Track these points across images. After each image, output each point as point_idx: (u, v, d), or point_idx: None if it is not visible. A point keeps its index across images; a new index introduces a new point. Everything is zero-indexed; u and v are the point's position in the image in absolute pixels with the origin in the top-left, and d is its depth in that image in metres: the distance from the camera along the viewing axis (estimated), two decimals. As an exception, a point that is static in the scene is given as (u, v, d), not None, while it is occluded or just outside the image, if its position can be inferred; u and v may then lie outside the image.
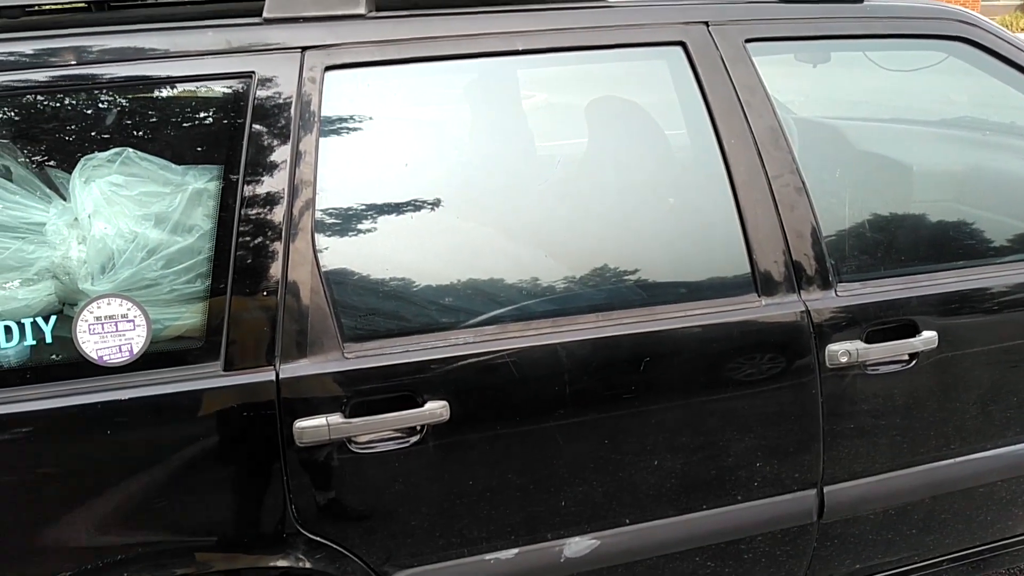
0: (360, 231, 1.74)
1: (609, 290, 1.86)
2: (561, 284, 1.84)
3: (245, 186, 1.62)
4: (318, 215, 1.67)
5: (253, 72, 1.66)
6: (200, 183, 1.65)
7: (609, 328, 1.78)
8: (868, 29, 2.09)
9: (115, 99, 1.66)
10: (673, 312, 1.83)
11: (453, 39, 1.77)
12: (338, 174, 1.70)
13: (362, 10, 1.74)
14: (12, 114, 1.64)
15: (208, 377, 1.59)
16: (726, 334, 1.85)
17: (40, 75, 1.58)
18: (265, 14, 1.70)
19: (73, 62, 1.59)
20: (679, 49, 1.92)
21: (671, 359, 1.82)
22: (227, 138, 1.66)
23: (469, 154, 1.89)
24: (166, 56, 1.63)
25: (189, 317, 1.63)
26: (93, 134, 1.66)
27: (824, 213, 1.95)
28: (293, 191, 1.64)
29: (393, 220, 1.76)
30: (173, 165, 1.66)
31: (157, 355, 1.59)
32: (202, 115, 1.69)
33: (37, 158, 1.65)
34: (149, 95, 1.65)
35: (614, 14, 1.91)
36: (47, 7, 1.83)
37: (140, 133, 1.65)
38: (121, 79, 1.62)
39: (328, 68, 1.70)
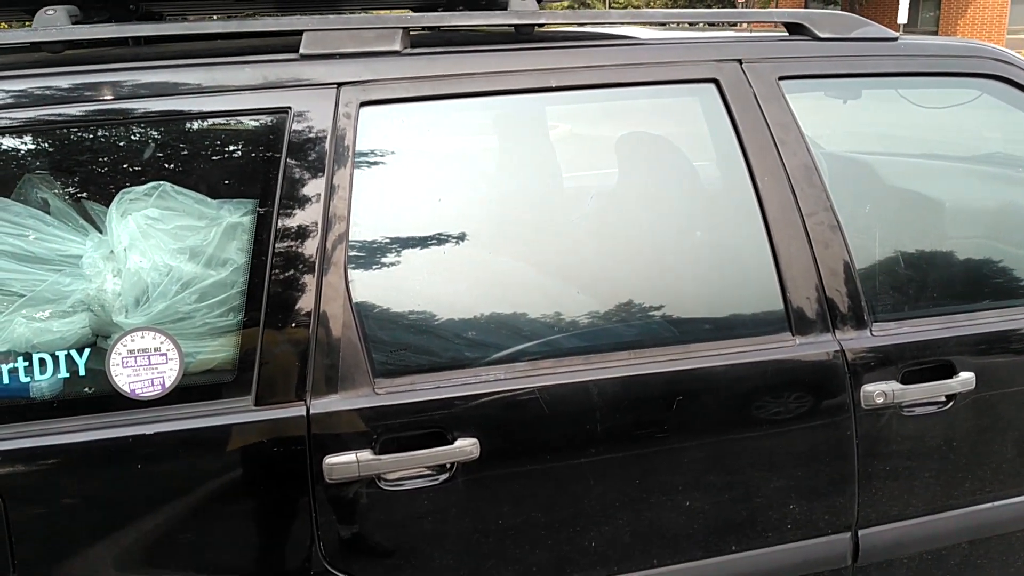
0: (392, 265, 1.74)
1: (641, 327, 1.85)
2: (592, 320, 1.83)
3: (279, 220, 1.63)
4: (351, 249, 1.67)
5: (289, 107, 1.67)
6: (235, 217, 1.66)
7: (641, 366, 1.76)
8: (902, 67, 2.07)
9: (152, 133, 1.67)
10: (706, 350, 1.81)
11: (487, 76, 1.78)
12: (372, 209, 1.71)
13: (397, 47, 1.75)
14: (51, 147, 1.66)
15: (239, 412, 1.58)
16: (760, 373, 1.83)
17: (79, 109, 1.60)
18: (302, 50, 1.71)
19: (111, 96, 1.61)
20: (712, 86, 1.92)
21: (704, 398, 1.79)
22: (262, 172, 1.67)
23: (501, 189, 1.89)
24: (203, 91, 1.65)
25: (221, 351, 1.63)
26: (130, 168, 1.68)
27: (858, 251, 1.93)
28: (327, 225, 1.65)
29: (425, 255, 1.76)
30: (208, 199, 1.67)
31: (189, 389, 1.59)
32: (238, 149, 1.70)
33: (75, 191, 1.67)
34: (186, 129, 1.67)
35: (648, 51, 1.91)
36: (88, 41, 1.85)
37: (176, 167, 1.66)
38: (158, 113, 1.64)
39: (363, 104, 1.71)
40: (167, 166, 1.66)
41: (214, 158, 1.70)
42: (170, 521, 1.56)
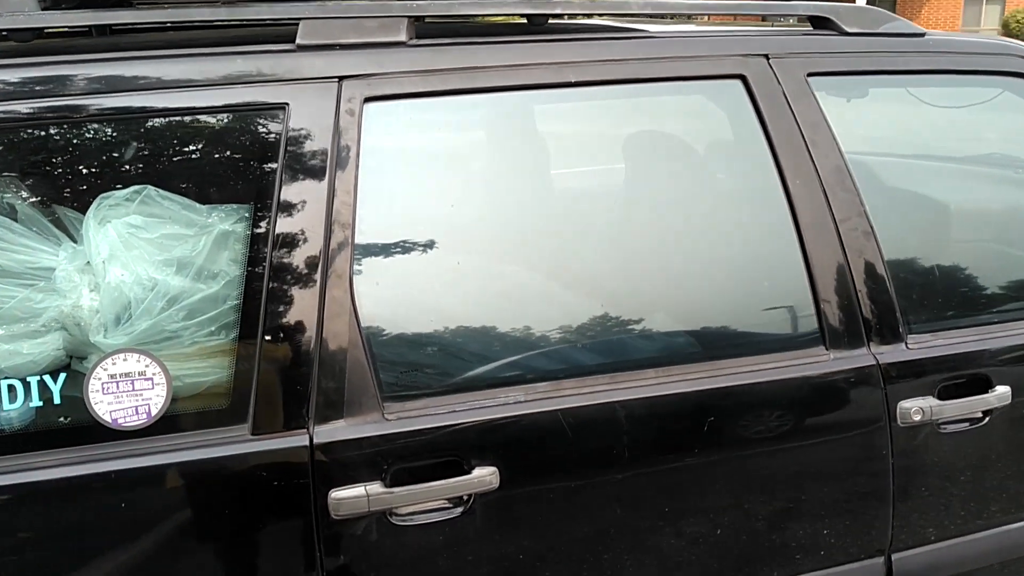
0: (402, 277, 1.59)
1: (669, 343, 1.72)
2: (617, 336, 1.69)
3: (277, 227, 1.47)
4: (357, 259, 1.51)
5: (287, 103, 1.51)
6: (227, 224, 1.50)
7: (670, 385, 1.63)
8: (929, 64, 1.97)
9: (134, 131, 1.50)
10: (737, 367, 1.68)
11: (501, 70, 1.63)
12: (379, 214, 1.55)
13: (403, 37, 1.60)
14: (19, 147, 1.48)
15: (234, 442, 1.42)
16: (793, 391, 1.71)
17: (50, 103, 1.42)
18: (298, 40, 1.56)
19: (87, 90, 1.44)
20: (738, 83, 1.79)
21: (736, 418, 1.67)
22: (257, 175, 1.50)
23: (518, 194, 1.74)
24: (191, 85, 1.48)
25: (213, 374, 1.47)
26: (110, 170, 1.50)
27: (890, 258, 1.81)
28: (329, 233, 1.49)
29: (438, 266, 1.61)
30: (197, 204, 1.50)
31: (177, 417, 1.42)
32: (230, 150, 1.54)
33: (47, 196, 1.49)
34: (172, 128, 1.50)
35: (670, 45, 1.78)
36: (61, 30, 1.67)
37: (162, 169, 1.49)
38: (141, 110, 1.47)
39: (368, 99, 1.55)
40: (151, 168, 1.49)
41: (204, 159, 1.53)
42: (158, 568, 1.39)
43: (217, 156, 1.53)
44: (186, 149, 1.52)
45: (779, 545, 1.72)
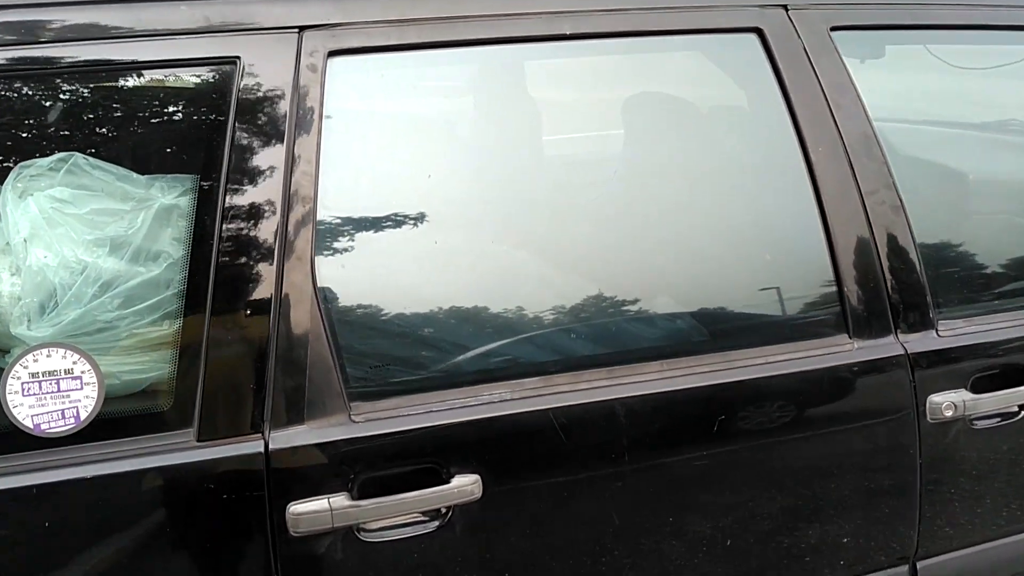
0: (372, 259, 1.39)
1: (674, 331, 1.53)
2: (617, 325, 1.50)
3: (227, 201, 1.27)
4: (320, 238, 1.32)
5: (238, 57, 1.31)
6: (169, 197, 1.30)
7: (677, 379, 1.45)
8: (968, 18, 1.77)
9: (60, 90, 1.30)
10: (751, 358, 1.50)
11: (488, 20, 1.43)
12: (345, 187, 1.36)
13: (375, -19, 1.39)
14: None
15: (178, 449, 1.24)
16: (813, 385, 1.53)
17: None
18: (254, -16, 1.35)
19: (3, 42, 1.23)
20: (754, 37, 1.59)
21: (749, 416, 1.49)
22: (204, 140, 1.31)
23: (506, 164, 1.53)
24: (127, 36, 1.28)
25: (154, 370, 1.28)
26: (31, 135, 1.30)
27: (921, 237, 1.63)
28: (288, 208, 1.29)
29: (413, 246, 1.41)
30: (135, 175, 1.30)
31: (112, 421, 1.23)
32: (172, 111, 1.34)
33: (-45, 165, 1.29)
34: (105, 85, 1.30)
35: (678, -7, 1.57)
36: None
37: (92, 134, 1.29)
38: (68, 65, 1.26)
39: (332, 53, 1.35)
40: (80, 133, 1.29)
41: (142, 122, 1.33)
42: (89, 594, 1.21)
43: (157, 119, 1.33)
44: (121, 111, 1.31)
45: (795, 555, 1.55)
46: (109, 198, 1.28)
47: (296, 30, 1.34)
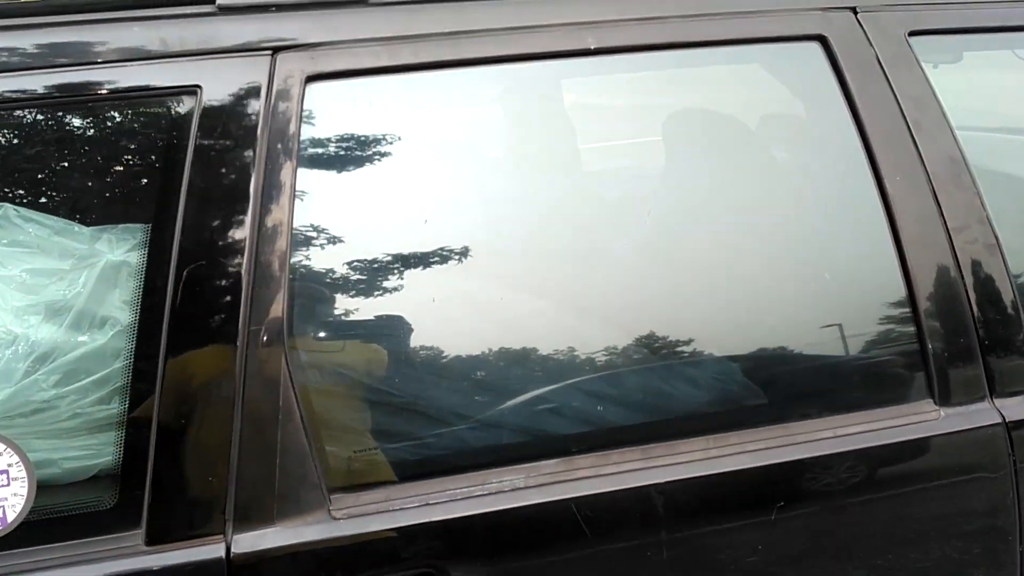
0: (357, 321, 1.18)
1: (722, 399, 1.29)
2: (652, 391, 1.27)
3: (182, 257, 1.07)
4: (294, 299, 1.11)
5: (198, 87, 1.11)
6: (118, 253, 1.11)
7: (726, 459, 1.21)
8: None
9: (-8, 127, 1.11)
10: (815, 431, 1.25)
11: (495, 34, 1.21)
12: (324, 238, 1.15)
13: (362, -8, 1.18)
14: None
15: (123, 556, 1.04)
16: (891, 461, 1.27)
17: None
18: (219, 1, 1.15)
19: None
20: (816, 46, 1.34)
21: (813, 502, 1.24)
22: (157, 186, 1.11)
23: (517, 201, 1.31)
24: (65, 64, 1.09)
25: (95, 460, 1.08)
26: (-48, 182, 1.12)
27: (1021, 280, 1.36)
28: (255, 264, 1.09)
29: (406, 302, 1.19)
30: (77, 227, 1.11)
31: (44, 522, 1.04)
32: (120, 152, 1.14)
33: None
34: (37, 123, 1.10)
35: (724, -2, 1.34)
36: None
37: (23, 181, 1.11)
38: None
39: (311, 78, 1.15)
40: (8, 180, 1.10)
41: (83, 167, 1.13)
42: None
43: (102, 162, 1.14)
44: (58, 153, 1.12)
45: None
46: (45, 256, 1.09)
47: (268, 52, 1.14)
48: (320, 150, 1.16)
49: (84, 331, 1.09)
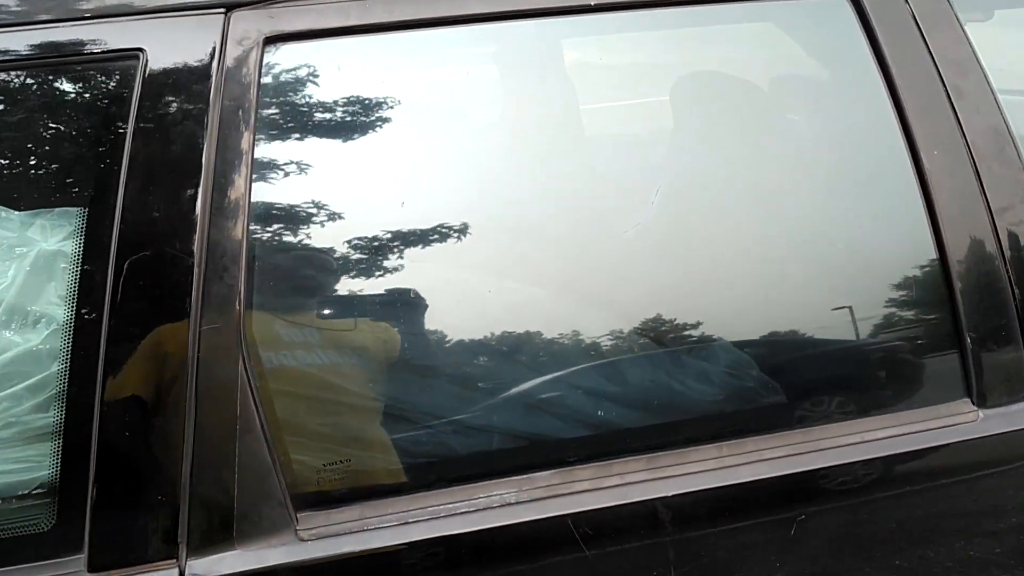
0: (323, 309, 1.05)
1: (737, 401, 1.16)
2: (659, 391, 1.14)
3: (124, 245, 0.94)
4: (253, 291, 0.98)
5: (140, 50, 0.97)
6: (53, 241, 0.97)
7: (741, 468, 1.08)
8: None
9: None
10: (838, 436, 1.12)
11: (481, -11, 1.06)
12: (288, 222, 1.01)
13: (330, -59, 1.03)
14: None
15: (61, 584, 0.92)
16: (923, 469, 1.15)
17: None
18: (166, -50, 1.01)
19: None
20: (844, 2, 1.20)
21: (835, 517, 1.11)
22: (94, 165, 0.97)
23: (506, 176, 1.16)
24: (-11, 23, 0.95)
25: (31, 474, 0.95)
26: None
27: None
28: (207, 250, 0.96)
29: (381, 288, 1.06)
30: (4, 212, 0.98)
31: (-31, 548, 0.92)
32: (51, 127, 1.00)
33: None
34: (-45, 92, 0.97)
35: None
36: None
37: (-60, 158, 0.97)
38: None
39: (270, 40, 1.01)
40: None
41: (11, 142, 1.00)
42: None
43: (31, 138, 1.00)
44: (-19, 125, 0.98)
45: None
46: (-33, 245, 0.96)
47: (221, 10, 1.00)
48: (281, 122, 1.02)
49: (15, 330, 0.96)
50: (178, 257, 0.95)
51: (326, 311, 1.06)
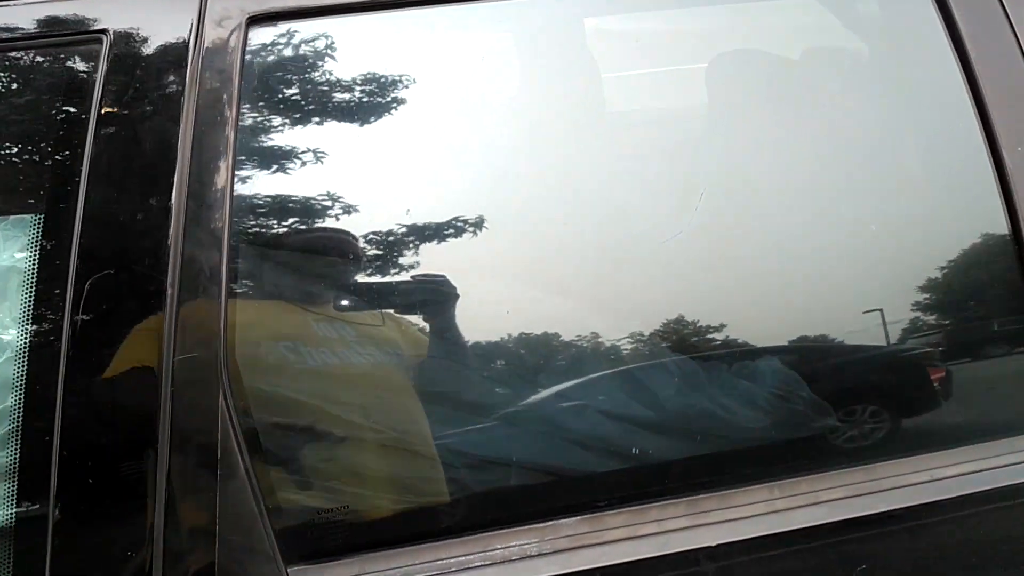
0: (313, 340, 0.92)
1: (787, 435, 1.02)
2: (700, 425, 1.00)
3: (85, 258, 0.81)
4: (234, 314, 0.85)
5: (105, 31, 0.83)
6: (4, 256, 0.85)
7: (793, 513, 0.94)
8: None
9: None
10: (904, 474, 0.98)
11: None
12: (273, 233, 0.88)
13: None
14: None
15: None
16: (1001, 514, 1.00)
17: None
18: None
19: None
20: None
21: (904, 562, 0.98)
22: (51, 165, 0.84)
23: (514, 168, 1.02)
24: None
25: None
26: None
27: None
28: (181, 268, 0.83)
29: (380, 302, 0.93)
30: (-52, 220, 0.85)
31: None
32: (4, 120, 0.87)
33: None
34: None
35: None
36: None
37: None
38: None
39: (254, 19, 0.87)
40: None
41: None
42: None
43: (-20, 132, 0.87)
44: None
45: None
46: (-94, 258, 0.83)
47: (198, -14, 0.86)
48: (268, 115, 0.88)
49: (-39, 356, 0.84)
50: (148, 274, 0.82)
51: (321, 330, 0.93)
